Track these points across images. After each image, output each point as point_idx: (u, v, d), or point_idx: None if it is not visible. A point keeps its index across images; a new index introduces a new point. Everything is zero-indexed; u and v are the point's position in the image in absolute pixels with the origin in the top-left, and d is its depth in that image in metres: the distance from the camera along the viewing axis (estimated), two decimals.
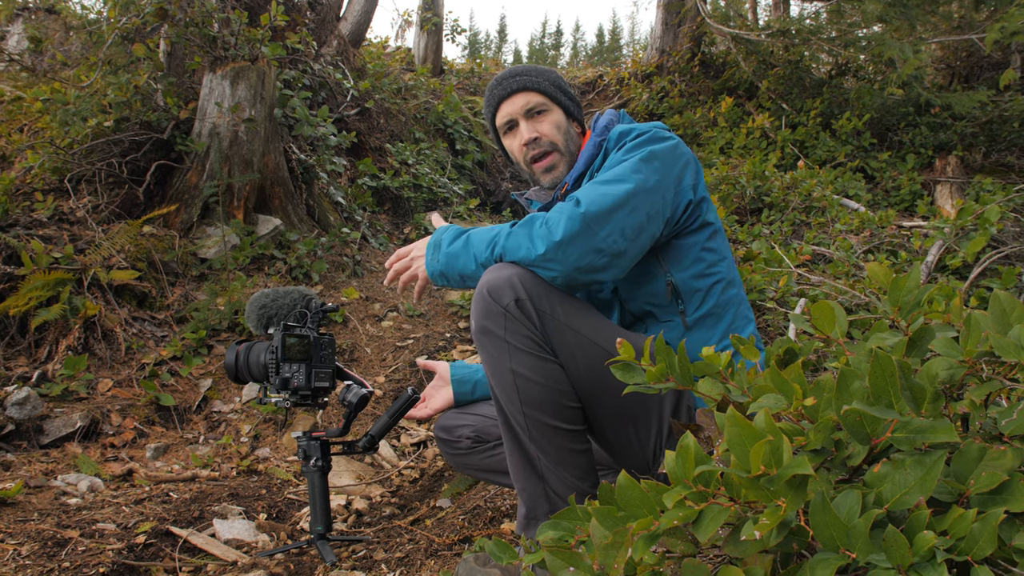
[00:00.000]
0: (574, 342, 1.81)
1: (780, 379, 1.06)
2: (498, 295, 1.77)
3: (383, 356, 4.34)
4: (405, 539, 2.43)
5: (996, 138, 8.01)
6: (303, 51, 6.80)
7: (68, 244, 4.23)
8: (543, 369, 1.79)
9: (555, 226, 1.77)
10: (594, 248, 1.77)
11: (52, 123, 5.00)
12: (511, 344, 1.78)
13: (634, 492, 1.03)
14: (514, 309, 1.76)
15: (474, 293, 1.83)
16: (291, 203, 5.52)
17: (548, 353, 1.80)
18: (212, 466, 3.29)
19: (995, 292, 1.10)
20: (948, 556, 0.87)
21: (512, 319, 1.77)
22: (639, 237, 1.84)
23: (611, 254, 1.79)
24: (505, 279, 1.78)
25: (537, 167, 2.17)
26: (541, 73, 2.19)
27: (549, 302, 1.80)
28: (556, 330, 1.80)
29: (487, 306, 1.79)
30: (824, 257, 4.87)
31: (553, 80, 2.19)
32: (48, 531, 2.34)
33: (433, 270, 1.99)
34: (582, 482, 1.85)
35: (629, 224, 1.81)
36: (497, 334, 1.78)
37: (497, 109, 2.21)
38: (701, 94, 9.80)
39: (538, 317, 1.78)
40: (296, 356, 2.21)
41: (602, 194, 1.81)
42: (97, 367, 3.82)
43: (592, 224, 1.76)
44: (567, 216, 1.77)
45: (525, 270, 1.81)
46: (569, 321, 1.82)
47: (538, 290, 1.79)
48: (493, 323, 1.78)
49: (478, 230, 1.96)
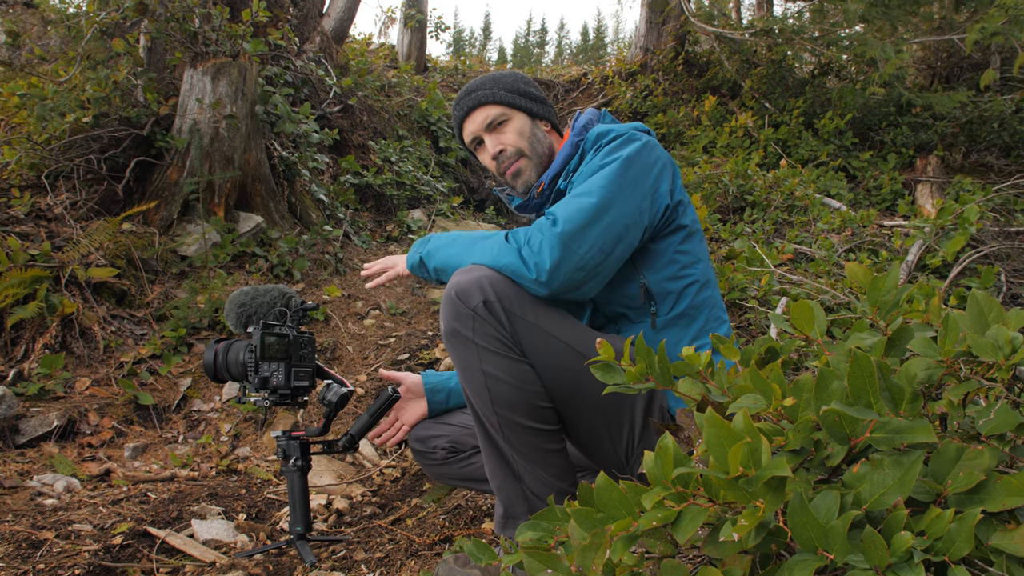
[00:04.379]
0: (543, 343, 1.82)
1: (759, 379, 1.06)
2: (466, 297, 1.78)
3: (365, 354, 4.32)
4: (385, 539, 2.41)
5: (976, 138, 8.10)
6: (285, 47, 6.75)
7: (45, 241, 4.17)
8: (513, 370, 1.79)
9: (542, 251, 1.78)
10: (575, 266, 1.79)
11: (29, 118, 4.93)
12: (480, 345, 1.78)
13: (613, 493, 1.02)
14: (482, 310, 1.77)
15: (443, 296, 1.84)
16: (273, 200, 5.47)
17: (517, 354, 1.81)
18: (191, 466, 3.26)
19: (973, 292, 1.10)
20: (925, 556, 0.87)
21: (481, 320, 1.77)
22: (615, 249, 1.85)
23: (590, 269, 1.81)
24: (474, 281, 1.79)
25: (508, 175, 2.19)
26: (497, 82, 2.18)
27: (519, 303, 1.80)
28: (525, 331, 1.80)
29: (456, 308, 1.79)
30: (806, 256, 4.90)
31: (510, 86, 2.18)
32: (23, 532, 2.31)
33: (413, 261, 2.02)
34: (560, 481, 1.85)
35: (607, 238, 1.82)
36: (466, 336, 1.79)
37: (462, 129, 2.23)
38: (685, 93, 9.82)
39: (507, 318, 1.78)
40: (275, 355, 2.19)
41: (578, 209, 1.81)
42: (75, 366, 3.77)
43: (571, 243, 1.78)
44: (549, 239, 1.78)
45: (495, 272, 1.81)
46: (538, 322, 1.82)
47: (507, 292, 1.79)
48: (462, 325, 1.79)
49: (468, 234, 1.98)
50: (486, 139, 2.17)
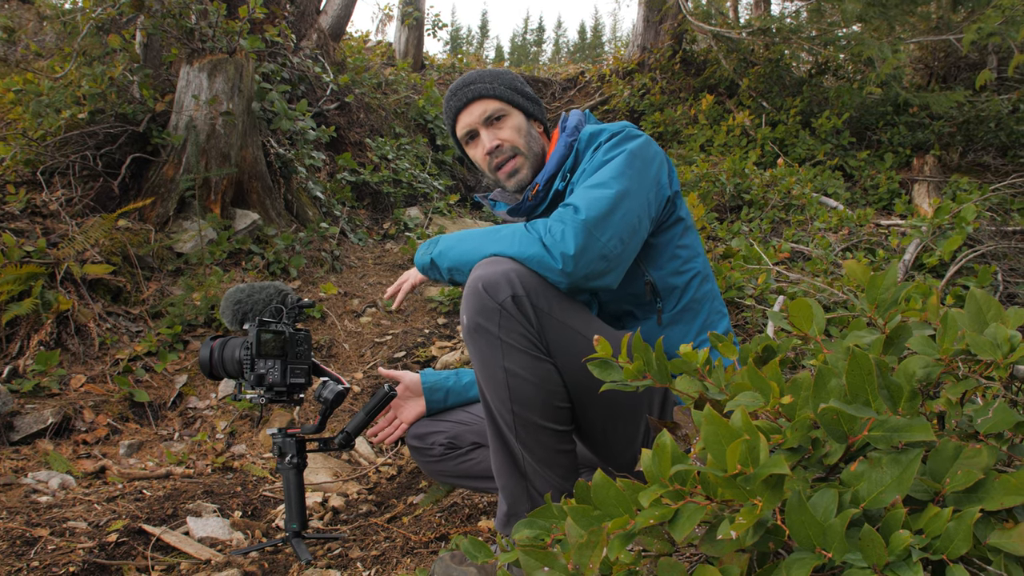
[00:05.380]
0: (570, 339, 1.79)
1: (757, 377, 1.06)
2: (494, 291, 1.73)
3: (361, 352, 4.31)
4: (381, 537, 2.41)
5: (973, 138, 8.11)
6: (282, 44, 6.74)
7: (41, 238, 4.16)
8: (537, 368, 1.76)
9: (565, 237, 1.74)
10: (599, 254, 1.76)
11: (25, 114, 4.91)
12: (505, 342, 1.74)
13: (610, 491, 1.02)
14: (510, 306, 1.73)
15: (466, 288, 1.79)
16: (269, 198, 5.46)
17: (543, 352, 1.78)
18: (187, 463, 3.25)
19: (971, 291, 1.10)
20: (923, 555, 0.87)
21: (508, 316, 1.73)
22: (632, 239, 1.84)
23: (612, 259, 1.78)
24: (502, 274, 1.74)
25: (501, 173, 2.14)
26: (496, 77, 2.15)
27: (546, 299, 1.77)
28: (552, 327, 1.77)
29: (482, 302, 1.74)
30: (803, 255, 4.90)
31: (509, 83, 2.15)
32: (17, 530, 2.30)
33: (423, 263, 1.99)
34: (566, 482, 1.84)
35: (625, 227, 1.80)
36: (491, 331, 1.74)
37: (456, 120, 2.17)
38: (682, 91, 9.82)
39: (535, 314, 1.75)
40: (271, 352, 2.18)
41: (597, 198, 1.79)
42: (70, 363, 3.76)
43: (594, 231, 1.74)
44: (572, 226, 1.74)
45: (522, 265, 1.77)
46: (565, 318, 1.80)
47: (535, 287, 1.76)
48: (487, 319, 1.74)
49: (477, 230, 1.94)
50: (482, 133, 2.13)
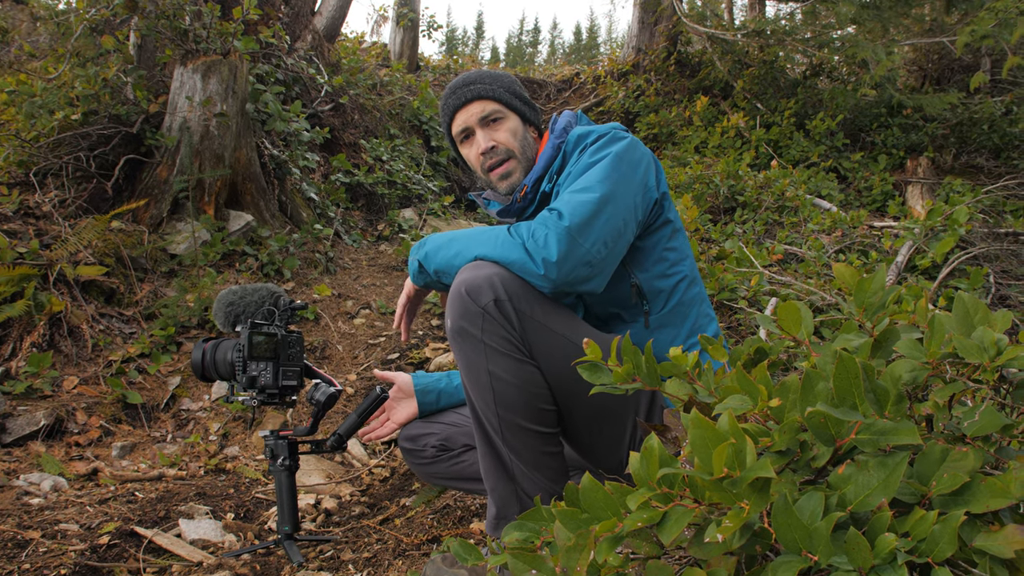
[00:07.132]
0: (552, 342, 1.79)
1: (746, 380, 1.06)
2: (476, 295, 1.74)
3: (355, 354, 4.31)
4: (373, 539, 2.40)
5: (966, 140, 8.14)
6: (276, 45, 6.73)
7: (34, 239, 4.15)
8: (520, 371, 1.77)
9: (548, 243, 1.74)
10: (582, 260, 1.75)
11: (18, 115, 4.90)
12: (488, 345, 1.75)
13: (598, 494, 1.02)
14: (493, 309, 1.73)
15: (450, 292, 1.79)
16: (263, 199, 5.45)
17: (525, 355, 1.78)
18: (179, 465, 3.25)
19: (959, 294, 1.10)
20: (909, 558, 0.87)
21: (490, 319, 1.73)
22: (617, 243, 1.84)
23: (596, 264, 1.78)
24: (484, 278, 1.75)
25: (494, 174, 2.14)
26: (496, 79, 2.15)
27: (529, 302, 1.77)
28: (535, 331, 1.77)
29: (464, 306, 1.75)
30: (796, 256, 4.91)
31: (508, 86, 2.16)
32: (8, 532, 2.29)
33: (413, 268, 1.99)
34: (555, 484, 1.84)
35: (609, 231, 1.80)
36: (474, 335, 1.75)
37: (452, 118, 2.17)
38: (677, 93, 9.83)
39: (517, 318, 1.75)
40: (263, 354, 2.18)
41: (581, 203, 1.78)
42: (62, 364, 3.75)
43: (578, 236, 1.74)
44: (555, 232, 1.74)
45: (505, 269, 1.77)
46: (548, 321, 1.80)
47: (517, 290, 1.76)
48: (470, 323, 1.75)
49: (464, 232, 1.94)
50: (478, 133, 2.13)
